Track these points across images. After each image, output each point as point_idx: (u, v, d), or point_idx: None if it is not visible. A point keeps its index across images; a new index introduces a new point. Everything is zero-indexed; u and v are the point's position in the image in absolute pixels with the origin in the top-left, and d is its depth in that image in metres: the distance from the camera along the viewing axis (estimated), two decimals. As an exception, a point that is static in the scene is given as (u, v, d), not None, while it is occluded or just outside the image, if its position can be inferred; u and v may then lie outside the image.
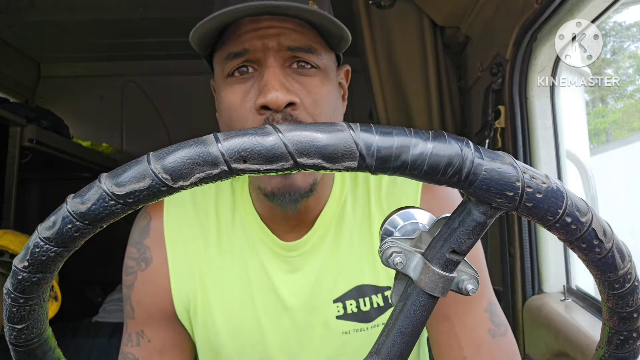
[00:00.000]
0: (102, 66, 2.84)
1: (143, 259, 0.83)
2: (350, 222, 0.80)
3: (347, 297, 0.79)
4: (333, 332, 0.79)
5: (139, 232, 0.84)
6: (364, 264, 0.79)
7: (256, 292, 0.80)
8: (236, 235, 0.81)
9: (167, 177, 0.33)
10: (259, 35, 0.68)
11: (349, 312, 0.79)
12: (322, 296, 0.79)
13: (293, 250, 0.79)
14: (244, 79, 0.70)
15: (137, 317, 0.83)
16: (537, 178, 0.36)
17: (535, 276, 1.22)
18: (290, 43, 0.68)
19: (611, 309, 0.42)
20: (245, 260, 0.80)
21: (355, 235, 0.80)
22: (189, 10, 2.18)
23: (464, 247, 0.40)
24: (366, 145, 0.34)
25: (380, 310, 0.79)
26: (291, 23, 0.69)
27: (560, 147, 1.22)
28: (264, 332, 0.80)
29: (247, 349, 0.80)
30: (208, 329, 0.81)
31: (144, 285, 0.82)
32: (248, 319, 0.80)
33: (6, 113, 1.99)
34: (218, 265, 0.81)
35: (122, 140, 2.98)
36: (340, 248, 0.80)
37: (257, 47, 0.68)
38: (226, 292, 0.80)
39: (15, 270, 0.38)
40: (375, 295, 0.79)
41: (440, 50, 1.64)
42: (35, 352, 0.43)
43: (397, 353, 0.42)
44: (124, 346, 0.83)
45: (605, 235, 0.38)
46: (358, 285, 0.79)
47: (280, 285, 0.79)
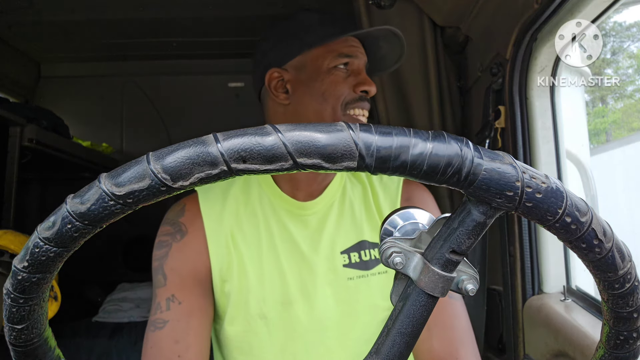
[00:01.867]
0: (102, 66, 2.84)
1: (178, 231, 1.00)
2: (350, 195, 1.07)
3: (352, 249, 1.02)
4: (340, 277, 1.00)
5: (174, 214, 1.03)
6: (364, 225, 1.04)
7: (279, 244, 1.01)
8: (261, 203, 1.04)
9: (166, 177, 0.33)
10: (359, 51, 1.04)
11: (352, 262, 1.01)
12: (332, 248, 1.02)
13: (307, 210, 1.03)
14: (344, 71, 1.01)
15: (169, 283, 0.95)
16: (537, 178, 0.36)
17: (535, 276, 1.22)
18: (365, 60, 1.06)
19: (611, 309, 0.42)
20: (268, 220, 1.02)
21: (355, 205, 1.06)
22: (189, 10, 2.18)
23: (464, 247, 0.40)
24: (366, 145, 0.34)
25: (377, 261, 1.02)
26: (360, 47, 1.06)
27: (560, 147, 1.21)
28: (285, 275, 0.99)
29: (271, 291, 0.98)
30: (240, 278, 0.98)
31: (179, 253, 0.98)
32: (272, 266, 0.99)
33: (6, 113, 1.99)
34: (246, 227, 1.01)
35: (122, 140, 2.97)
36: (345, 213, 1.05)
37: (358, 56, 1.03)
38: (253, 246, 1.00)
39: (15, 271, 0.38)
40: (373, 249, 1.03)
41: (440, 50, 1.63)
42: (35, 352, 0.43)
43: (397, 353, 0.42)
44: (152, 316, 0.93)
45: (605, 235, 0.38)
46: (360, 240, 1.03)
47: (299, 237, 1.01)
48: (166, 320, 0.91)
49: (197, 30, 2.41)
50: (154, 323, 0.91)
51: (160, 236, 1.01)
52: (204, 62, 2.75)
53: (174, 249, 0.98)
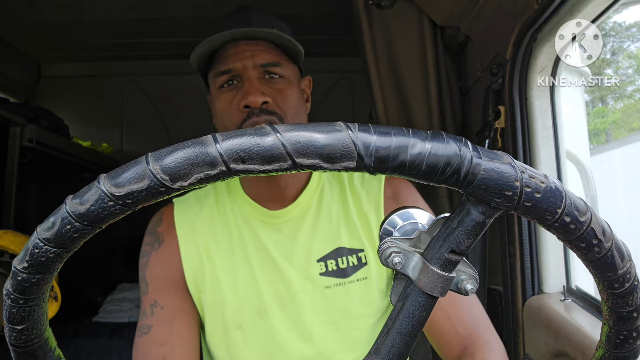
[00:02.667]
0: (102, 66, 2.84)
1: (156, 241, 1.02)
2: (328, 201, 1.03)
3: (328, 257, 0.99)
4: (317, 286, 0.98)
5: (154, 224, 1.05)
6: (341, 231, 1.00)
7: (252, 254, 0.99)
8: (233, 213, 1.03)
9: (165, 178, 0.33)
10: (239, 57, 0.95)
11: (329, 270, 0.99)
12: (307, 256, 0.99)
13: (279, 218, 1.00)
14: (231, 88, 0.96)
15: (150, 290, 0.98)
16: (536, 178, 0.36)
17: (535, 276, 1.22)
18: (261, 61, 0.95)
19: (611, 309, 0.42)
20: (241, 231, 1.01)
21: (333, 210, 1.02)
22: (189, 10, 2.18)
23: (463, 246, 0.40)
24: (364, 146, 0.34)
25: (355, 268, 0.99)
26: (261, 45, 0.97)
27: (560, 147, 1.21)
28: (259, 286, 0.98)
29: (246, 302, 0.98)
30: (215, 290, 0.98)
31: (157, 260, 1.00)
32: (246, 276, 0.99)
33: (6, 113, 1.99)
34: (220, 237, 1.01)
35: (122, 140, 2.98)
36: (321, 220, 1.01)
37: (238, 67, 0.95)
38: (227, 257, 1.00)
39: (15, 271, 0.38)
40: (351, 255, 1.00)
41: (440, 50, 1.63)
42: (36, 353, 0.43)
43: (397, 353, 0.42)
44: (139, 322, 0.96)
45: (605, 234, 0.38)
46: (337, 247, 1.00)
47: (271, 247, 0.99)
48: (150, 325, 0.93)
49: (197, 30, 2.41)
50: (140, 329, 0.94)
51: (143, 246, 1.03)
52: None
53: (152, 257, 1.00)
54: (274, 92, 0.94)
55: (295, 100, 0.98)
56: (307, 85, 1.09)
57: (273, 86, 0.95)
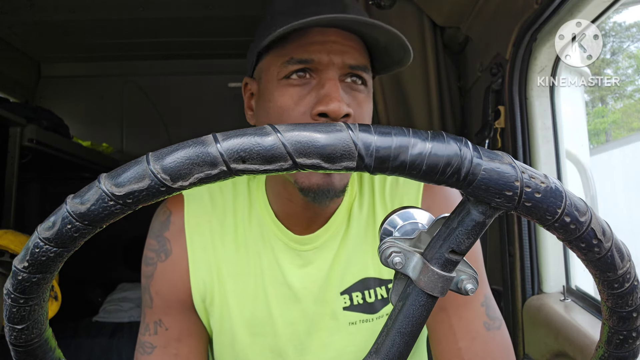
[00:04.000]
0: (102, 66, 2.84)
1: (163, 250, 0.88)
2: (357, 220, 0.86)
3: (354, 289, 0.84)
4: (340, 322, 0.84)
5: (159, 225, 0.89)
6: (367, 259, 0.85)
7: (268, 284, 0.85)
8: (252, 230, 0.87)
9: (166, 178, 0.33)
10: (326, 49, 0.73)
11: (355, 304, 0.84)
12: (330, 288, 0.84)
13: (306, 244, 0.84)
14: (302, 83, 0.74)
15: (155, 306, 0.87)
16: (536, 178, 0.36)
17: (535, 276, 1.22)
18: (353, 61, 0.74)
19: (611, 309, 0.42)
20: (259, 254, 0.86)
21: (361, 232, 0.85)
22: (189, 10, 2.18)
23: (463, 246, 0.40)
24: (365, 146, 0.34)
25: (384, 301, 0.84)
26: (354, 41, 0.76)
27: (560, 147, 1.22)
28: (275, 323, 0.85)
29: (259, 338, 0.85)
30: (223, 318, 0.86)
31: (163, 276, 0.87)
32: (260, 310, 0.85)
33: (6, 113, 1.99)
34: (234, 258, 0.86)
35: (122, 140, 2.98)
36: (348, 244, 0.85)
37: (324, 60, 0.73)
38: (241, 284, 0.85)
39: (15, 271, 0.38)
40: (380, 287, 0.84)
41: (440, 50, 1.63)
42: (36, 353, 0.43)
43: (397, 353, 0.42)
44: (142, 336, 0.87)
45: (605, 234, 0.38)
46: (363, 278, 0.84)
47: (292, 277, 0.84)
48: (154, 345, 0.85)
49: (197, 30, 2.41)
50: (143, 346, 0.86)
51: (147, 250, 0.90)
52: (204, 62, 2.75)
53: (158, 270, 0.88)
54: (356, 103, 0.75)
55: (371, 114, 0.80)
56: None
57: (355, 95, 0.76)
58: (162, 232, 0.89)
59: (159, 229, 0.89)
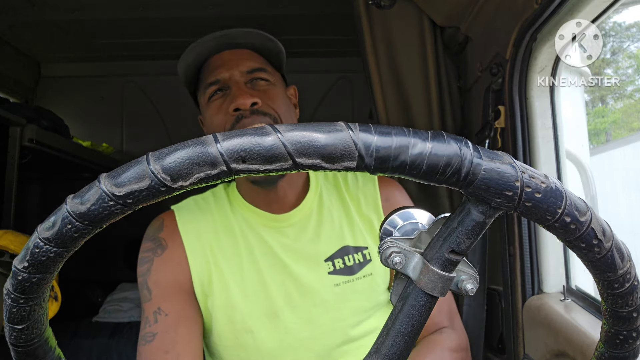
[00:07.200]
0: (102, 66, 2.84)
1: (159, 247, 1.02)
2: (328, 205, 1.08)
3: (335, 256, 1.03)
4: (326, 285, 1.01)
5: (153, 230, 1.05)
6: (344, 231, 1.05)
7: (259, 257, 1.01)
8: (236, 219, 1.04)
9: (166, 178, 0.33)
10: (225, 67, 0.99)
11: (337, 268, 1.02)
12: (315, 257, 1.02)
13: (283, 222, 1.03)
14: (220, 97, 0.99)
15: (154, 296, 0.98)
16: (536, 178, 0.36)
17: (535, 276, 1.22)
18: (247, 68, 1.00)
19: (611, 309, 0.42)
20: (246, 235, 1.03)
21: (334, 213, 1.07)
22: (189, 10, 2.18)
23: (463, 246, 0.40)
24: (365, 145, 0.34)
25: (361, 265, 1.03)
26: (245, 52, 1.02)
27: (560, 147, 1.21)
28: (269, 288, 0.99)
29: (256, 305, 0.99)
30: (222, 294, 0.99)
31: (161, 266, 1.00)
32: (254, 279, 1.00)
33: (6, 113, 1.99)
34: (225, 243, 1.02)
35: (122, 140, 2.97)
36: (324, 222, 1.05)
37: (225, 76, 0.99)
38: (233, 261, 1.01)
39: (15, 271, 0.38)
40: (356, 253, 1.04)
41: (440, 50, 1.63)
42: (36, 352, 0.43)
43: (397, 353, 0.42)
44: (142, 331, 0.95)
45: (605, 235, 0.38)
46: (342, 246, 1.04)
47: (278, 249, 1.01)
48: (155, 332, 0.93)
49: (197, 30, 2.40)
50: (144, 337, 0.94)
51: (142, 253, 1.03)
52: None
53: (155, 264, 1.00)
54: (262, 93, 0.97)
55: (284, 101, 1.02)
56: (292, 94, 1.13)
57: (261, 88, 0.99)
58: (156, 234, 1.03)
59: (153, 233, 1.04)
